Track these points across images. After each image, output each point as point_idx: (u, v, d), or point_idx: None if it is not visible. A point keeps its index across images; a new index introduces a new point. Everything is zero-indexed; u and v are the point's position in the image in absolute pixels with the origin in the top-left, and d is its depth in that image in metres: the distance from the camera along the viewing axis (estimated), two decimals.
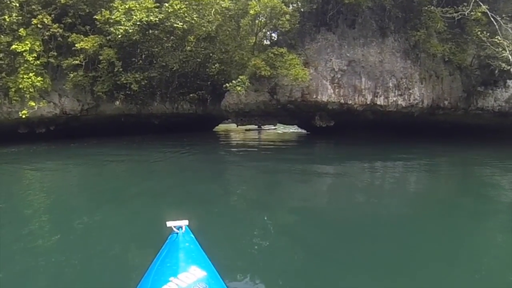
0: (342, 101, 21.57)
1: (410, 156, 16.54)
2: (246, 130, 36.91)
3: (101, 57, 20.78)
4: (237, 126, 24.61)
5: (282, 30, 19.30)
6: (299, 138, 28.65)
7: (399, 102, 22.36)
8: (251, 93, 21.17)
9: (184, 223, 3.58)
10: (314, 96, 21.10)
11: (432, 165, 15.25)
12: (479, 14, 19.78)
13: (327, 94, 21.25)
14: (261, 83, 20.89)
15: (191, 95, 25.54)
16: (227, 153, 20.38)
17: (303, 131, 33.39)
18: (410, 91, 22.49)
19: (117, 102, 24.12)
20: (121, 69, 21.14)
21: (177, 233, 3.44)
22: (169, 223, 3.54)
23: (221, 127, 39.44)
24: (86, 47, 20.25)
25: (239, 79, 18.29)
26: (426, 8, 21.00)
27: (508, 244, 5.88)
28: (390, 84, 22.10)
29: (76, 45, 20.46)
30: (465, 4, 20.60)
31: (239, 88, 18.00)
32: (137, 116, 26.21)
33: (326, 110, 22.13)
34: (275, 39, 22.79)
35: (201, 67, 25.12)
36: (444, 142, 22.59)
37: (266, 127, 35.66)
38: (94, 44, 20.52)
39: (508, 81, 23.46)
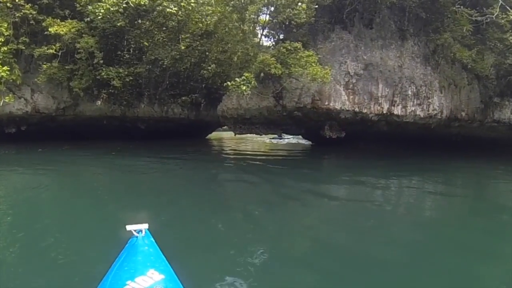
0: (357, 109, 17.56)
1: (427, 175, 13.11)
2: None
3: (78, 45, 16.22)
4: (234, 135, 20.17)
5: (298, 22, 15.15)
6: (303, 150, 23.89)
7: (418, 112, 18.56)
8: (253, 97, 16.97)
9: (144, 226, 3.18)
10: (326, 103, 17.03)
11: (450, 185, 12.13)
12: (511, 17, 16.41)
13: (341, 101, 17.22)
14: (265, 85, 16.73)
15: (183, 98, 20.99)
16: (222, 166, 16.01)
17: (303, 142, 29.36)
18: (429, 100, 18.74)
19: (99, 102, 19.60)
20: (101, 61, 16.61)
21: (136, 237, 3.08)
22: (129, 227, 3.13)
23: (213, 135, 34.30)
24: (61, 32, 15.73)
25: (243, 77, 14.06)
26: (454, 8, 17.36)
27: None
28: (409, 92, 18.27)
29: (49, 29, 15.88)
30: (494, 6, 17.21)
31: (244, 88, 13.76)
32: (121, 119, 21.65)
33: (337, 120, 18.07)
34: (281, 36, 18.63)
35: (196, 67, 20.75)
36: (457, 157, 19.15)
37: (286, 137, 31.50)
38: (71, 30, 16.01)
39: None
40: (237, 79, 14.09)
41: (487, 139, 22.21)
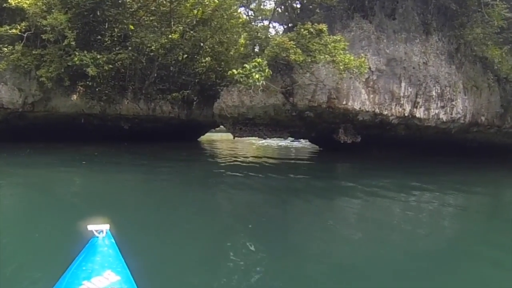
0: (377, 110, 14.08)
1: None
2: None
3: (44, 22, 12.00)
4: (233, 138, 16.14)
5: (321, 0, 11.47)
6: (309, 158, 19.36)
7: (441, 116, 15.29)
8: (258, 92, 13.13)
9: (105, 227, 2.96)
10: (344, 102, 13.39)
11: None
12: None
13: (360, 101, 13.65)
14: (273, 79, 12.92)
15: (174, 94, 16.85)
16: (216, 175, 12.02)
17: (302, 145, 25.59)
18: (453, 103, 15.53)
19: (74, 97, 15.38)
20: (73, 43, 12.38)
21: (97, 237, 2.88)
22: (90, 227, 2.91)
23: (203, 137, 29.03)
24: (25, 5, 11.53)
25: (255, 63, 10.21)
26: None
27: None
28: (433, 93, 14.96)
29: (9, 0, 11.68)
30: None
31: (257, 76, 9.95)
32: (101, 118, 17.37)
33: (354, 122, 14.47)
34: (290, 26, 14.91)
35: (188, 59, 16.80)
36: (476, 165, 15.99)
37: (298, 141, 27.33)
38: (38, 3, 11.79)
39: None
40: (246, 65, 10.24)
41: (501, 145, 19.11)
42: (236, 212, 7.25)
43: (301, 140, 25.96)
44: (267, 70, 10.25)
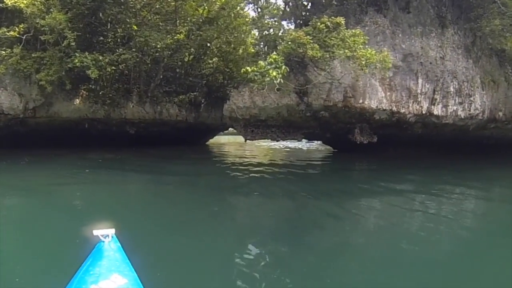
0: (394, 108, 13.25)
1: None
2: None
3: (43, 22, 11.14)
4: (245, 141, 15.18)
5: None
6: (327, 162, 17.26)
7: (459, 113, 14.48)
8: (270, 93, 12.32)
9: (110, 231, 2.96)
10: (361, 101, 12.56)
11: None
12: None
13: (377, 99, 12.82)
14: (286, 78, 12.03)
15: (181, 96, 15.98)
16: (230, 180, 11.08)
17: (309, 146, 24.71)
18: (471, 98, 14.73)
19: (77, 101, 14.54)
20: (73, 44, 11.50)
21: (103, 242, 2.88)
22: (96, 232, 2.91)
23: (210, 140, 27.31)
24: (22, 5, 10.69)
25: (270, 60, 9.36)
26: None
27: None
28: (451, 89, 14.16)
29: (5, 0, 10.85)
30: None
31: (274, 74, 9.06)
32: (105, 122, 16.50)
33: (370, 121, 13.63)
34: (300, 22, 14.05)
35: (195, 60, 15.97)
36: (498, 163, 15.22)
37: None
38: (36, 3, 10.95)
39: None
40: (261, 62, 9.38)
41: None
42: (249, 220, 6.57)
43: (314, 141, 24.99)
44: (283, 67, 9.39)
